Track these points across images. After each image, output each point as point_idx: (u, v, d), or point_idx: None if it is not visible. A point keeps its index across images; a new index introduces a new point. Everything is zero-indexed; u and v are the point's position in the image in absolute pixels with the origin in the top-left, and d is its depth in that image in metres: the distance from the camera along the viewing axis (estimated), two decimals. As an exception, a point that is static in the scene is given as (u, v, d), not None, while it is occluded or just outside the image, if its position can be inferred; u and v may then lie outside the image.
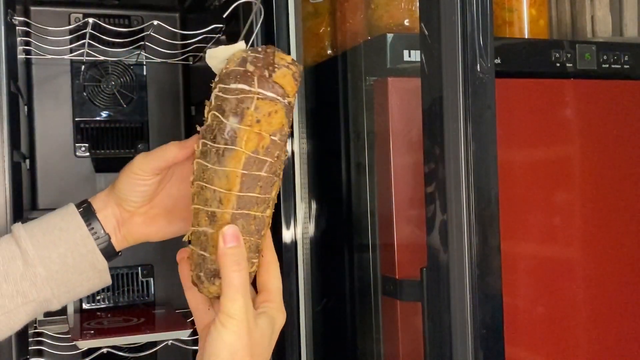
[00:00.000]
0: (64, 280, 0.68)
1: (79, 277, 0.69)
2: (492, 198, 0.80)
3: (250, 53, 0.62)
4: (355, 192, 1.20)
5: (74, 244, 0.68)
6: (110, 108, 1.42)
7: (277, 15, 1.07)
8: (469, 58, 0.77)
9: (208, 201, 0.61)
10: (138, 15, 1.43)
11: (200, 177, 0.62)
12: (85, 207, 0.70)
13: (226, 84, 0.61)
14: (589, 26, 1.40)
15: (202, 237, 0.62)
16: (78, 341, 1.13)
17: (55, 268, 0.67)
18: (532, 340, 1.11)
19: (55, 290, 0.68)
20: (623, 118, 1.21)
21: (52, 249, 0.67)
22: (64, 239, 0.68)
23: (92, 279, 0.70)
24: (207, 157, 0.61)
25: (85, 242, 0.68)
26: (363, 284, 1.18)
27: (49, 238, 0.67)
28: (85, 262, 0.68)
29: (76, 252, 0.68)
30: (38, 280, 0.66)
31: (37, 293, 0.67)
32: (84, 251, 0.68)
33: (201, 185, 0.61)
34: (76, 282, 0.69)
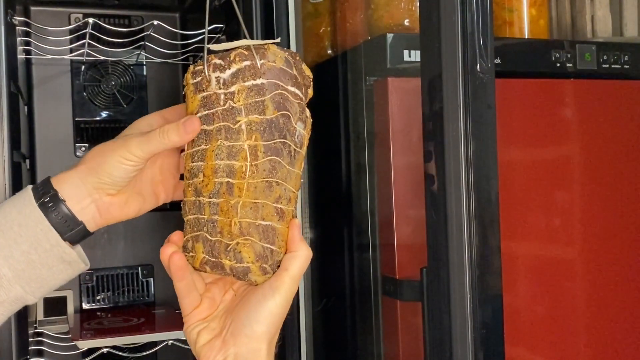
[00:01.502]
0: (32, 277, 0.64)
1: (48, 271, 0.65)
2: (492, 198, 0.79)
3: (287, 54, 0.65)
4: (355, 192, 1.20)
5: (36, 240, 0.64)
6: (110, 108, 1.42)
7: (277, 15, 1.07)
8: (469, 58, 0.77)
9: (280, 199, 0.64)
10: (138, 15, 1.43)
11: (271, 173, 0.63)
12: (51, 196, 0.65)
13: (283, 83, 0.64)
14: (589, 26, 1.40)
15: (270, 230, 0.64)
16: (78, 341, 1.13)
17: (21, 267, 0.63)
18: (532, 340, 1.11)
19: (26, 287, 0.64)
20: (623, 118, 1.21)
21: (14, 248, 0.63)
22: (25, 235, 0.63)
23: (64, 270, 0.66)
24: (281, 155, 0.64)
25: (48, 237, 0.64)
26: (363, 284, 1.18)
27: (9, 235, 0.63)
28: (51, 256, 0.64)
29: (40, 248, 0.64)
30: (4, 281, 0.63)
31: (6, 294, 0.64)
32: (48, 246, 0.64)
33: (272, 182, 0.64)
34: (47, 277, 0.65)
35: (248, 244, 0.64)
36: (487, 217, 0.79)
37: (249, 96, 0.63)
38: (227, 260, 0.65)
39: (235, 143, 0.64)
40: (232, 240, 0.64)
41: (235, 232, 0.64)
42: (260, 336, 0.63)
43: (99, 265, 1.39)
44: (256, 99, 0.63)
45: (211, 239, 0.65)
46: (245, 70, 0.64)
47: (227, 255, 0.64)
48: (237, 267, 0.65)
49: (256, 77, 0.63)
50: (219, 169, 0.64)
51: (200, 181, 0.66)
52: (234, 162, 0.64)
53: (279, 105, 0.63)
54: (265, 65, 0.63)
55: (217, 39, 1.24)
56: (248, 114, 0.63)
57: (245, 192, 0.63)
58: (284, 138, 0.63)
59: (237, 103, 0.63)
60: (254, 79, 0.63)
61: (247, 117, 0.63)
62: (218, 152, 0.64)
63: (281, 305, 0.63)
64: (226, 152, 0.64)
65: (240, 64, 0.64)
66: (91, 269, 1.38)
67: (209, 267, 0.66)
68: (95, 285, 1.39)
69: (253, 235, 0.64)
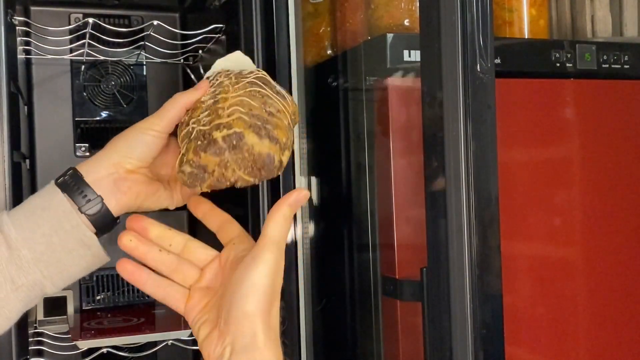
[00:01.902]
0: (52, 261, 0.65)
1: (68, 255, 0.65)
2: (492, 198, 0.80)
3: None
4: (355, 192, 1.20)
5: (57, 221, 0.64)
6: (110, 108, 1.42)
7: (277, 15, 1.07)
8: (469, 58, 0.77)
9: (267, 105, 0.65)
10: (138, 15, 1.43)
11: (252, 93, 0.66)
12: (70, 174, 0.67)
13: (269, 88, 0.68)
14: (589, 26, 1.40)
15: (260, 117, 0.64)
16: (78, 341, 1.13)
17: (41, 249, 0.64)
18: (532, 340, 1.11)
19: (44, 271, 0.64)
20: (623, 118, 1.21)
21: (36, 230, 0.64)
22: (46, 217, 0.64)
23: (84, 256, 0.66)
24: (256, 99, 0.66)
25: (69, 218, 0.65)
26: (363, 284, 1.18)
27: (32, 219, 0.64)
28: (71, 239, 0.65)
29: (61, 230, 0.64)
30: (24, 263, 0.63)
31: (25, 277, 0.64)
32: (68, 227, 0.65)
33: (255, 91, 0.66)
34: (67, 262, 0.65)
35: (237, 116, 0.63)
36: (487, 217, 0.79)
37: (238, 80, 0.67)
38: (218, 133, 0.63)
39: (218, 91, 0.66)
40: (222, 120, 0.64)
41: (224, 115, 0.64)
42: (251, 316, 0.57)
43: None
44: (242, 80, 0.67)
45: (203, 128, 0.64)
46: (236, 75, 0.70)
47: (218, 129, 0.63)
48: (230, 135, 0.62)
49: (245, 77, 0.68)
50: (204, 104, 0.66)
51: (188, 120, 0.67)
52: (218, 97, 0.66)
53: (258, 80, 0.67)
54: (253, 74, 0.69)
55: (217, 39, 1.24)
56: (233, 86, 0.66)
57: (231, 98, 0.64)
58: (262, 88, 0.66)
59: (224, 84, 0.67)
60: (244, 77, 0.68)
61: (232, 86, 0.66)
62: (204, 99, 0.67)
63: (266, 275, 0.58)
64: (210, 96, 0.67)
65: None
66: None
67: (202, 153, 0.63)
68: (95, 285, 1.39)
69: (242, 111, 0.63)
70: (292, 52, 1.07)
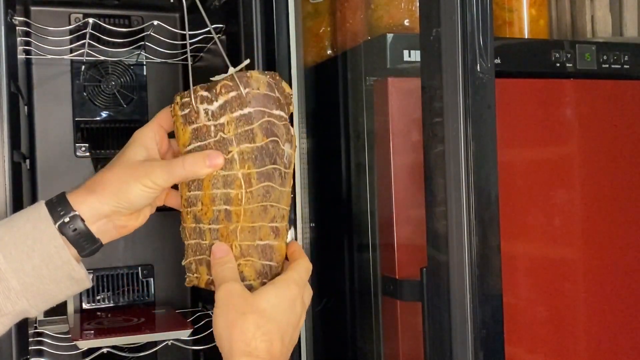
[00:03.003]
0: (40, 292, 0.65)
1: (55, 286, 0.66)
2: (492, 198, 0.79)
3: (268, 78, 0.68)
4: (355, 192, 1.20)
5: (48, 255, 0.65)
6: (110, 108, 1.42)
7: (277, 15, 1.07)
8: (469, 58, 0.77)
9: (275, 218, 0.69)
10: (138, 15, 1.43)
11: (265, 197, 0.67)
12: (72, 217, 0.66)
13: (269, 108, 0.67)
14: (589, 26, 1.40)
15: (268, 249, 0.70)
16: (78, 341, 1.13)
17: (30, 280, 0.64)
18: (532, 340, 1.11)
19: (31, 301, 0.65)
20: (623, 118, 1.21)
21: (26, 261, 0.64)
22: (38, 250, 0.64)
23: (70, 287, 0.67)
24: (273, 179, 0.68)
25: (61, 254, 0.65)
26: (363, 284, 1.18)
27: (22, 249, 0.64)
28: (60, 272, 0.66)
29: (51, 264, 0.65)
30: (12, 294, 0.64)
31: (12, 306, 0.64)
32: (59, 263, 0.65)
33: (266, 205, 0.68)
34: (53, 292, 0.66)
35: (249, 264, 0.69)
36: (487, 217, 0.79)
37: (238, 126, 0.67)
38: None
39: (230, 172, 0.67)
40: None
41: (237, 254, 0.68)
42: None
43: (99, 265, 1.39)
44: (245, 128, 0.67)
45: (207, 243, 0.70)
46: (232, 101, 0.67)
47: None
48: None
49: (243, 106, 0.67)
50: (216, 197, 0.68)
51: (199, 209, 0.69)
52: (229, 190, 0.67)
53: (267, 132, 0.67)
54: (250, 93, 0.67)
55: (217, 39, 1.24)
56: (239, 143, 0.67)
57: (243, 217, 0.68)
58: (274, 163, 0.67)
59: (227, 134, 0.67)
60: (241, 109, 0.66)
61: (239, 147, 0.67)
62: (214, 182, 0.68)
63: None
64: (222, 181, 0.67)
65: (227, 96, 0.67)
66: (91, 269, 1.38)
67: (213, 286, 0.69)
68: (96, 285, 1.39)
69: (253, 255, 0.68)
70: (292, 52, 1.07)
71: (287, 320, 0.66)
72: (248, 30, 1.08)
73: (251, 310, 0.63)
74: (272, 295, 0.65)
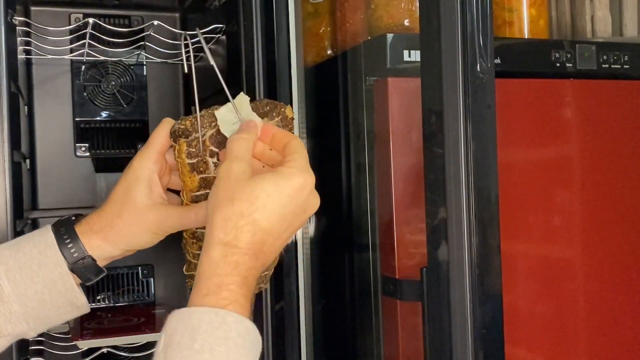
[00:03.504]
0: (40, 316, 0.66)
1: (56, 311, 0.67)
2: (492, 198, 0.79)
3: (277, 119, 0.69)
4: (355, 192, 1.20)
5: (52, 282, 0.65)
6: (110, 108, 1.42)
7: (277, 15, 1.07)
8: (469, 58, 0.77)
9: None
10: (138, 15, 1.43)
11: None
12: (83, 258, 0.67)
13: None
14: (589, 26, 1.40)
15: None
16: (78, 341, 1.13)
17: (32, 305, 0.65)
18: (532, 340, 1.11)
19: (31, 324, 0.66)
20: (623, 118, 1.21)
21: (29, 286, 0.65)
22: (42, 275, 0.65)
23: (69, 312, 0.68)
24: None
25: (64, 280, 0.66)
26: (363, 284, 1.18)
27: (25, 273, 0.65)
28: (63, 298, 0.66)
29: (54, 290, 0.66)
30: (13, 317, 0.64)
31: (12, 329, 0.65)
32: (62, 289, 0.66)
33: None
34: (53, 317, 0.67)
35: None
36: (487, 217, 0.79)
37: None
38: None
39: None
40: None
41: None
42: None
43: (99, 265, 1.39)
44: None
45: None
46: None
47: None
48: None
49: None
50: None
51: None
52: None
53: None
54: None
55: (217, 39, 1.24)
56: None
57: None
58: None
59: None
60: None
61: None
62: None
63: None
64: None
65: None
66: (91, 269, 1.37)
67: None
68: (95, 285, 1.39)
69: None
70: (292, 52, 1.07)
71: (283, 214, 0.59)
72: (248, 30, 1.08)
73: (240, 196, 0.57)
74: (271, 185, 0.59)
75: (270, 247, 0.59)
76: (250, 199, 0.58)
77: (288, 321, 1.08)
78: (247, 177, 0.59)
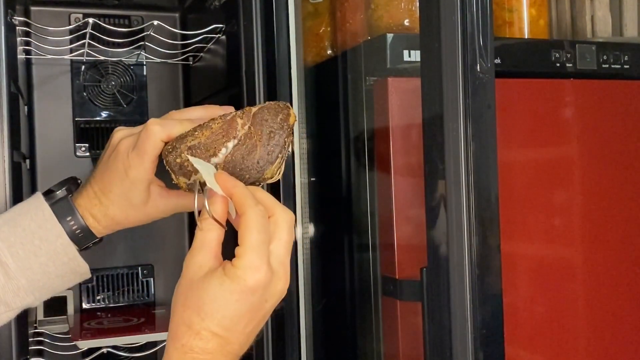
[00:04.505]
0: (46, 287, 0.68)
1: (60, 280, 0.69)
2: (492, 198, 0.79)
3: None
4: (355, 192, 1.20)
5: (55, 253, 0.67)
6: (110, 108, 1.42)
7: (277, 15, 1.07)
8: (469, 58, 0.77)
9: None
10: (138, 15, 1.43)
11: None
12: (79, 225, 0.69)
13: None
14: (589, 26, 1.40)
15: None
16: (78, 341, 1.13)
17: (37, 277, 0.67)
18: (532, 340, 1.11)
19: (37, 294, 0.68)
20: (623, 118, 1.21)
21: (33, 260, 0.67)
22: (45, 249, 0.67)
23: (73, 279, 0.71)
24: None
25: (67, 251, 0.68)
26: (363, 284, 1.18)
27: (29, 248, 0.67)
28: (66, 268, 0.69)
29: (58, 261, 0.68)
30: (21, 291, 0.67)
31: (20, 302, 0.67)
32: (66, 259, 0.68)
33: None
34: (57, 285, 0.70)
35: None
36: (487, 217, 0.79)
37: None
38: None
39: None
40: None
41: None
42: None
43: (99, 265, 1.39)
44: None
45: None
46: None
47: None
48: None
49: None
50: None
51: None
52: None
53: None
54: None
55: (217, 39, 1.24)
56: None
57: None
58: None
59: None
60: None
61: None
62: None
63: None
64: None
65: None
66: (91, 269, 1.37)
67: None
68: (95, 285, 1.39)
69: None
70: (292, 52, 1.07)
71: (235, 315, 0.56)
72: (248, 30, 1.08)
73: (190, 303, 0.57)
74: (217, 287, 0.56)
75: (236, 341, 0.57)
76: (199, 306, 0.56)
77: (288, 321, 1.08)
78: (202, 273, 0.57)
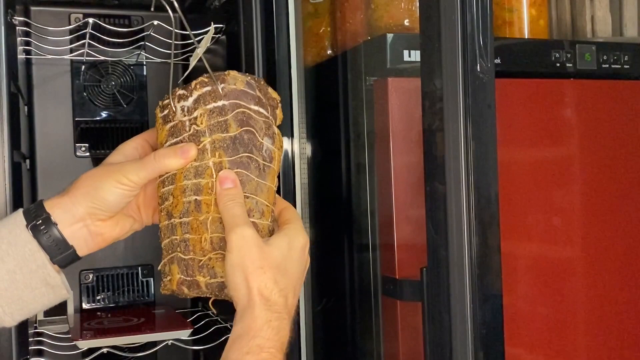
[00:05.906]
0: (14, 298, 0.64)
1: (30, 293, 0.65)
2: (492, 198, 0.80)
3: (249, 78, 0.68)
4: (355, 192, 1.20)
5: (23, 259, 0.64)
6: (110, 108, 1.42)
7: (277, 15, 1.07)
8: (469, 58, 0.77)
9: (252, 212, 0.65)
10: (138, 15, 1.43)
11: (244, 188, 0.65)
12: (43, 219, 0.65)
13: (245, 102, 0.66)
14: (589, 26, 1.40)
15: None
16: (78, 341, 1.13)
17: (4, 285, 0.64)
18: (532, 340, 1.11)
19: (5, 307, 0.64)
20: (623, 118, 1.21)
21: (0, 265, 0.64)
22: (12, 254, 0.64)
23: (46, 294, 0.66)
24: (248, 169, 0.65)
25: (35, 257, 0.64)
26: (363, 284, 1.18)
27: None
28: (36, 277, 0.65)
29: (25, 268, 0.64)
30: None
31: None
32: (34, 267, 0.64)
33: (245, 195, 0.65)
34: (28, 299, 0.65)
35: (220, 258, 0.64)
36: (487, 217, 0.79)
37: (211, 117, 0.65)
38: (201, 277, 0.65)
39: (201, 162, 0.65)
40: (204, 256, 0.65)
41: (207, 247, 0.64)
42: None
43: (99, 265, 1.39)
44: (218, 119, 0.65)
45: (185, 257, 0.65)
46: (206, 95, 0.66)
47: (200, 272, 0.65)
48: (212, 283, 0.65)
49: (217, 99, 0.66)
50: (187, 188, 0.66)
51: (170, 203, 0.67)
52: (200, 180, 0.65)
53: (241, 123, 0.65)
54: (225, 88, 0.66)
55: (217, 39, 1.24)
56: (211, 134, 0.65)
57: (214, 207, 0.64)
58: (250, 152, 0.65)
59: (200, 126, 0.66)
60: (215, 102, 0.66)
61: (211, 137, 0.65)
62: (186, 174, 0.66)
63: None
64: (193, 172, 0.66)
65: (201, 90, 0.67)
66: (91, 269, 1.38)
67: (185, 287, 0.66)
68: (96, 285, 1.39)
69: (224, 248, 0.64)
70: (292, 52, 1.07)
71: (298, 272, 0.66)
72: (248, 30, 1.08)
73: (268, 264, 0.62)
74: (285, 247, 0.64)
75: (295, 300, 0.66)
76: (275, 265, 0.63)
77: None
78: (260, 240, 0.63)
